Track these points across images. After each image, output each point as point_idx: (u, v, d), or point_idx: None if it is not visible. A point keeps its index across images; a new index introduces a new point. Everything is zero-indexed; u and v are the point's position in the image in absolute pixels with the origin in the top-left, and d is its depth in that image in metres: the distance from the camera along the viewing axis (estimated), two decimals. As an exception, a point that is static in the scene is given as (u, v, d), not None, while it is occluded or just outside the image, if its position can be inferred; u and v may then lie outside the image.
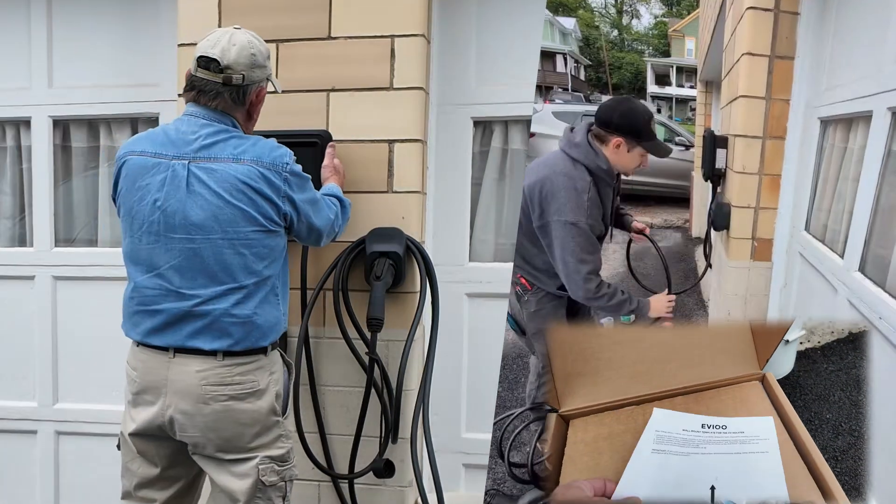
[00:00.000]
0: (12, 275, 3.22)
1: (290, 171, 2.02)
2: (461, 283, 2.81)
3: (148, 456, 2.11)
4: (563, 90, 17.13)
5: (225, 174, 1.96)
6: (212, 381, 1.98)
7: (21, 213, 3.31)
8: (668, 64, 17.75)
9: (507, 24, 2.77)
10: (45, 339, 3.20)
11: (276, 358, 2.12)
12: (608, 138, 2.34)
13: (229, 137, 2.01)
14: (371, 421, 2.58)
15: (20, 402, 3.23)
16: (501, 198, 2.92)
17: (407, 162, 2.59)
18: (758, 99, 2.33)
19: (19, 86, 3.18)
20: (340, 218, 2.28)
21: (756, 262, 2.54)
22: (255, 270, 2.00)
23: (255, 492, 2.03)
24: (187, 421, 2.00)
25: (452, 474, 2.81)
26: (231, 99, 2.02)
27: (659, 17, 20.72)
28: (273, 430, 2.07)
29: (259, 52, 2.05)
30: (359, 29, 2.59)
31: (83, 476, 3.21)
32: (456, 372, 2.82)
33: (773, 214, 2.47)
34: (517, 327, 2.68)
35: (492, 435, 2.60)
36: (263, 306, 2.03)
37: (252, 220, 1.97)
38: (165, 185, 1.97)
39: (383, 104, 2.59)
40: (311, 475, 2.66)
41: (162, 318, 1.99)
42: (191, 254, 1.96)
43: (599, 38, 20.27)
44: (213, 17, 2.69)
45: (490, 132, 2.88)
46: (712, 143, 2.66)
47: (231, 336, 1.98)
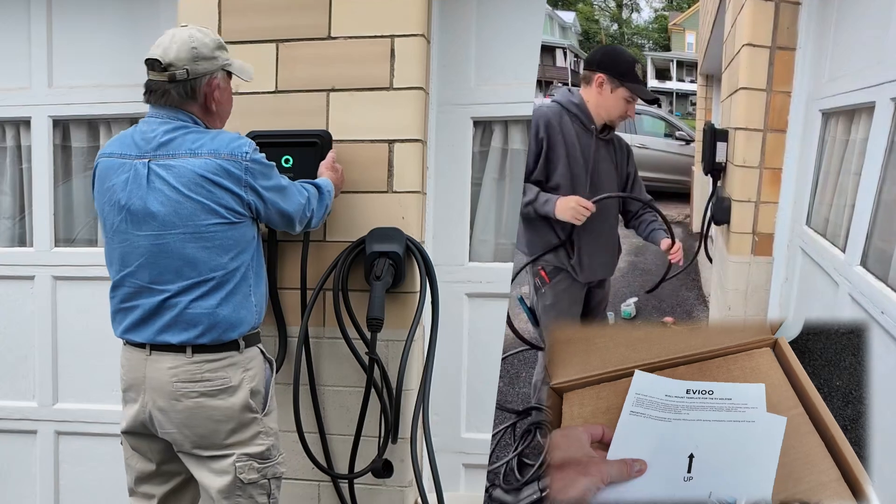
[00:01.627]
0: (12, 275, 3.22)
1: (250, 160, 2.02)
2: (461, 283, 2.81)
3: (142, 452, 2.15)
4: (563, 84, 17.19)
5: (182, 169, 1.98)
6: (182, 377, 2.00)
7: (21, 213, 3.31)
8: (668, 58, 17.68)
9: (507, 23, 2.76)
10: (45, 339, 3.20)
11: (252, 355, 2.11)
12: (591, 77, 2.33)
13: (187, 133, 2.03)
14: (371, 421, 2.58)
15: (20, 402, 3.23)
16: (501, 198, 2.92)
17: (407, 162, 2.59)
18: (758, 91, 2.29)
19: (19, 86, 3.18)
20: (315, 203, 2.25)
21: (757, 256, 2.50)
22: (221, 263, 2.01)
23: (233, 489, 2.03)
24: (163, 418, 2.03)
25: (452, 474, 2.80)
26: (179, 95, 2.03)
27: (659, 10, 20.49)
28: (250, 427, 2.07)
29: (202, 45, 2.05)
30: (359, 29, 2.59)
31: (83, 476, 3.21)
32: (456, 372, 2.82)
33: (774, 209, 2.44)
34: (532, 318, 2.71)
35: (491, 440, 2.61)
36: (230, 299, 2.03)
37: (212, 212, 1.98)
38: (128, 185, 2.01)
39: (383, 104, 2.58)
40: (311, 475, 2.66)
41: (138, 314, 2.03)
42: (156, 250, 1.99)
43: (599, 32, 20.18)
44: (213, 17, 2.69)
45: (490, 132, 2.88)
46: (712, 136, 2.65)
47: (195, 327, 2.00)
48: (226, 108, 2.17)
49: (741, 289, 2.57)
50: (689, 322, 3.75)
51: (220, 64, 2.09)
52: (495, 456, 2.68)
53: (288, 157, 2.54)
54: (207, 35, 2.09)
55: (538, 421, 2.80)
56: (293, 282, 2.64)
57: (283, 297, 2.64)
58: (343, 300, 2.56)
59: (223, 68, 2.10)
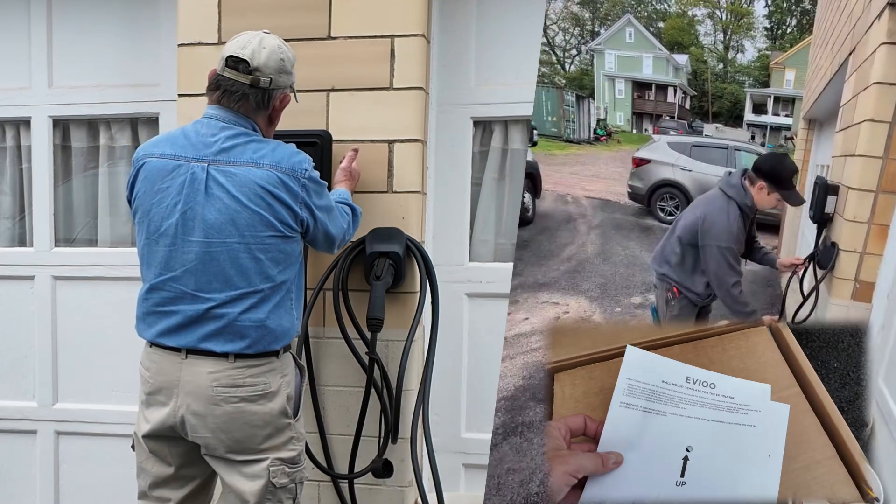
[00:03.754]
0: (12, 275, 3.21)
1: (308, 178, 2.01)
2: (461, 283, 2.81)
3: (161, 455, 2.10)
4: (670, 118, 18.40)
5: (244, 178, 1.95)
6: (223, 382, 1.97)
7: (21, 213, 3.31)
8: (766, 94, 18.81)
9: (507, 23, 2.76)
10: (45, 338, 3.20)
11: (287, 360, 2.11)
12: (756, 181, 2.89)
13: (249, 141, 2.00)
14: (371, 421, 2.58)
15: (20, 402, 3.23)
16: (501, 198, 2.92)
17: (407, 162, 2.59)
18: (875, 158, 2.49)
19: (19, 86, 3.18)
20: (352, 227, 2.28)
21: (856, 301, 2.65)
22: (271, 275, 1.99)
23: (265, 493, 2.02)
24: (198, 422, 2.00)
25: (452, 474, 2.80)
26: (255, 102, 2.02)
27: (762, 50, 22.11)
28: (285, 433, 2.06)
29: (287, 59, 2.05)
30: (359, 29, 2.60)
31: (83, 476, 3.20)
32: (456, 372, 2.82)
33: (878, 260, 2.59)
34: (658, 323, 3.20)
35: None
36: (277, 311, 2.02)
37: (269, 224, 1.96)
38: (185, 188, 1.97)
39: (383, 104, 2.59)
40: (311, 475, 2.64)
41: (177, 320, 1.99)
42: (207, 257, 1.96)
43: (706, 70, 21.76)
44: (214, 18, 2.69)
45: (490, 132, 2.88)
46: (824, 190, 2.92)
47: (244, 339, 1.98)
48: (277, 124, 2.17)
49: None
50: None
51: (293, 81, 2.10)
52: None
53: (288, 157, 2.54)
54: (290, 50, 2.09)
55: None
56: (293, 282, 2.64)
57: (283, 297, 2.64)
58: (343, 300, 2.56)
59: (291, 86, 2.11)
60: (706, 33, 20.10)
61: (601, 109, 18.61)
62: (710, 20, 20.98)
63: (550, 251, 5.90)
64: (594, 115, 17.57)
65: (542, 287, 4.93)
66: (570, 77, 21.20)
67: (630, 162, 8.48)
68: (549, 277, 5.14)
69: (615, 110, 20.40)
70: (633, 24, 22.01)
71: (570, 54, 24.03)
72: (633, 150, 10.05)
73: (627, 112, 21.33)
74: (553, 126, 14.82)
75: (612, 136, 17.81)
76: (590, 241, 6.42)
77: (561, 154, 13.05)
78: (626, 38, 21.85)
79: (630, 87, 21.87)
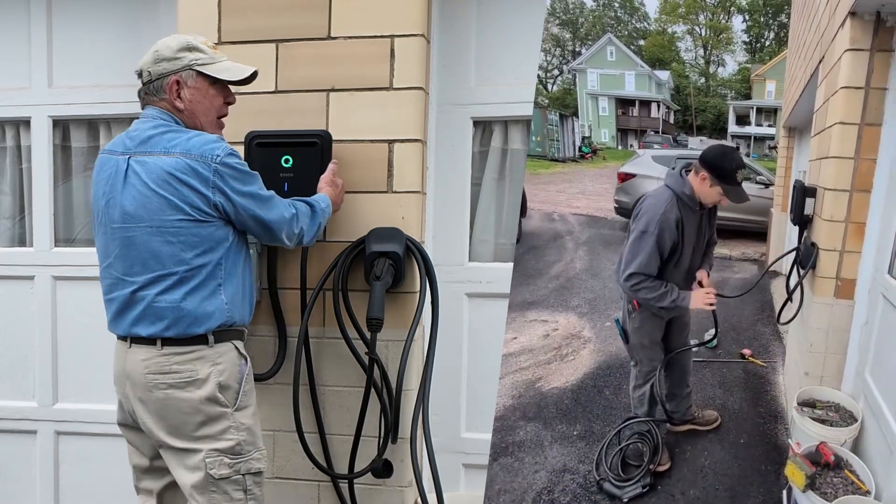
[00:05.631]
0: (12, 275, 3.22)
1: (220, 163, 2.06)
2: (461, 283, 2.80)
3: (137, 446, 2.23)
4: (655, 132, 19.48)
5: (154, 166, 2.05)
6: (153, 369, 2.07)
7: (21, 213, 3.31)
8: (748, 106, 19.70)
9: (507, 23, 2.76)
10: (45, 338, 3.20)
11: (223, 350, 2.13)
12: (699, 171, 2.79)
13: (166, 132, 2.11)
14: (371, 421, 2.58)
15: (20, 402, 3.23)
16: (501, 198, 2.92)
17: (407, 162, 2.59)
18: (847, 159, 2.61)
19: (19, 85, 3.18)
20: (306, 221, 2.26)
21: (839, 299, 2.75)
22: (184, 259, 2.06)
23: (206, 485, 2.07)
24: (141, 408, 2.10)
25: (452, 474, 2.80)
26: (148, 94, 2.16)
27: (742, 63, 23.12)
28: (220, 422, 2.09)
29: (164, 47, 2.14)
30: (358, 29, 2.59)
31: (83, 476, 3.21)
32: (456, 372, 2.82)
33: (857, 258, 2.69)
34: (623, 335, 3.11)
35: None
36: (195, 294, 2.07)
37: (178, 208, 2.04)
38: (110, 180, 2.11)
39: (383, 104, 2.58)
40: (311, 475, 2.66)
41: (115, 307, 2.12)
42: (127, 242, 2.08)
43: (688, 85, 22.85)
44: (213, 17, 2.69)
45: (490, 132, 2.88)
46: (802, 193, 3.00)
47: (162, 321, 2.06)
48: (200, 108, 2.18)
49: (823, 328, 2.81)
50: (765, 356, 4.01)
51: (185, 63, 2.14)
52: (601, 456, 3.04)
53: (288, 157, 2.54)
54: (176, 39, 2.16)
55: (639, 432, 3.09)
56: (293, 282, 2.63)
57: (284, 297, 2.64)
58: (343, 300, 2.56)
59: (190, 67, 2.15)
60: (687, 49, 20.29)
61: (585, 127, 18.82)
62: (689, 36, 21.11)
63: (538, 270, 6.15)
64: (578, 134, 17.76)
65: (530, 306, 5.07)
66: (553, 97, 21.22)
67: (615, 178, 8.70)
68: (538, 296, 5.33)
69: (599, 127, 20.72)
70: (614, 43, 22.31)
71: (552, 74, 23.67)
72: (618, 166, 10.40)
73: (612, 129, 21.69)
74: (537, 146, 14.95)
75: (598, 153, 18.11)
76: (577, 258, 6.73)
77: (546, 173, 13.22)
78: (608, 57, 22.13)
79: (613, 104, 22.30)
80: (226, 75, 2.19)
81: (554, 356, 4.14)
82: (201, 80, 2.16)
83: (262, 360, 2.64)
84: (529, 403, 3.58)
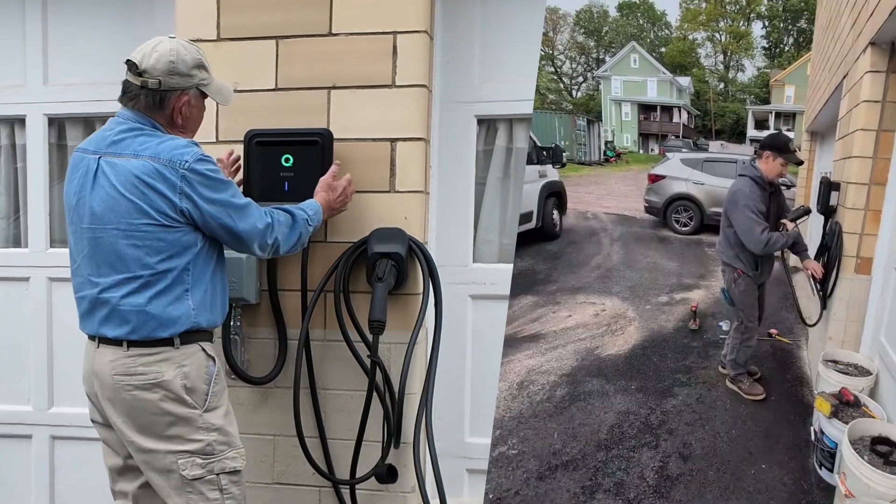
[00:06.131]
0: (7, 276, 3.18)
1: (189, 169, 2.03)
2: (465, 284, 2.77)
3: (110, 444, 2.22)
4: (675, 137, 20.61)
5: (123, 169, 2.05)
6: (119, 370, 2.06)
7: (16, 214, 3.28)
8: (767, 110, 20.62)
9: (511, 20, 2.73)
10: (41, 341, 3.17)
11: (189, 351, 2.11)
12: (762, 153, 3.67)
13: (139, 135, 2.09)
14: (373, 425, 2.54)
15: (15, 407, 3.20)
16: (506, 197, 2.89)
17: (409, 161, 2.55)
18: (867, 158, 3.25)
19: (14, 83, 3.15)
20: (282, 231, 2.20)
21: (859, 274, 3.33)
22: (149, 263, 2.05)
23: (181, 487, 2.07)
24: (110, 408, 2.09)
25: (455, 479, 2.77)
26: (148, 102, 2.10)
27: (762, 68, 23.94)
28: (189, 423, 2.08)
29: (181, 61, 2.09)
30: (360, 25, 2.56)
31: (78, 481, 3.17)
32: (459, 375, 2.78)
33: (874, 239, 3.25)
34: (730, 300, 3.85)
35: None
36: (161, 298, 2.06)
37: (144, 213, 2.03)
38: (81, 179, 2.10)
39: (385, 102, 2.55)
40: (312, 481, 2.62)
41: (84, 306, 2.12)
42: (95, 243, 2.07)
43: (708, 90, 23.84)
44: (212, 13, 2.65)
45: (494, 130, 2.85)
46: (828, 186, 3.69)
47: (127, 324, 2.05)
48: (194, 125, 2.21)
49: (845, 298, 3.41)
50: (790, 336, 4.58)
51: (195, 82, 2.13)
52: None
53: (288, 156, 2.51)
54: (190, 52, 2.12)
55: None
56: (294, 283, 2.60)
57: (284, 299, 2.61)
58: (344, 302, 2.52)
59: (198, 87, 2.14)
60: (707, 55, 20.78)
61: (608, 132, 19.36)
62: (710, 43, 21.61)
63: (580, 261, 6.84)
64: (603, 138, 18.20)
65: (577, 291, 5.81)
66: (576, 102, 21.60)
67: (640, 180, 9.08)
68: (583, 282, 6.07)
69: (622, 132, 21.21)
70: (638, 51, 22.67)
71: (576, 81, 24.02)
72: (641, 169, 10.82)
73: (634, 133, 22.17)
74: (566, 150, 15.40)
75: (622, 156, 18.55)
76: (613, 251, 7.36)
77: (575, 175, 13.99)
78: (631, 64, 22.55)
79: (636, 109, 22.76)
80: (219, 98, 2.21)
81: (605, 331, 4.83)
82: (201, 99, 2.18)
83: (262, 363, 2.61)
84: (591, 365, 4.22)
